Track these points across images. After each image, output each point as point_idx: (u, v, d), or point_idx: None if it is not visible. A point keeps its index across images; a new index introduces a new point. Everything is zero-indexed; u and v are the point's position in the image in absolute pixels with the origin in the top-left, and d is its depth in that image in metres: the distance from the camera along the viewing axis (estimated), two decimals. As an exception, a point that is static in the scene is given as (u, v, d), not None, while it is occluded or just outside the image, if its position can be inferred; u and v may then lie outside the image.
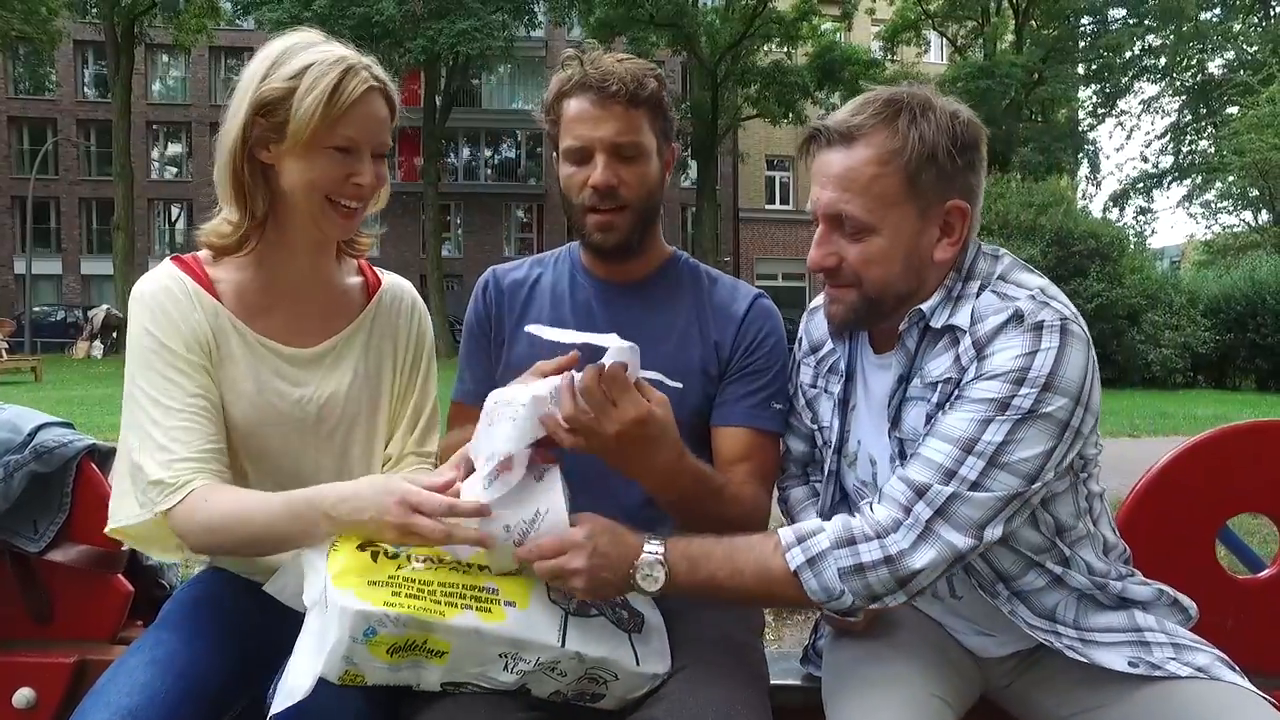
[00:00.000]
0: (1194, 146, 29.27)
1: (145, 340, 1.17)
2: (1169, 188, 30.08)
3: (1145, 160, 31.12)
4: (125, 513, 1.18)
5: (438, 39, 20.33)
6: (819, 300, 1.36)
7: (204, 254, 1.26)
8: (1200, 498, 1.43)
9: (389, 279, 1.40)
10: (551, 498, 1.04)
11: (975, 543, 1.04)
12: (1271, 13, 27.96)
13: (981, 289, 1.13)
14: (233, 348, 1.22)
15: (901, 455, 1.16)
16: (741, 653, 1.17)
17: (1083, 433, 1.06)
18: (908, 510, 1.05)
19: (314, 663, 0.95)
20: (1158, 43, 27.28)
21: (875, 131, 1.09)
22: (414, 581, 1.00)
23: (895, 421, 1.17)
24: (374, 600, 0.96)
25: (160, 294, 1.19)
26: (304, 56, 1.16)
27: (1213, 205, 27.86)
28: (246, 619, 1.21)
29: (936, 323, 1.12)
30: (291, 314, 1.27)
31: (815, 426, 1.33)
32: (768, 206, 32.96)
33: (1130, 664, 1.11)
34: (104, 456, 1.50)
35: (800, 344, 1.38)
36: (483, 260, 32.67)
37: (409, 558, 1.04)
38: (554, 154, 1.35)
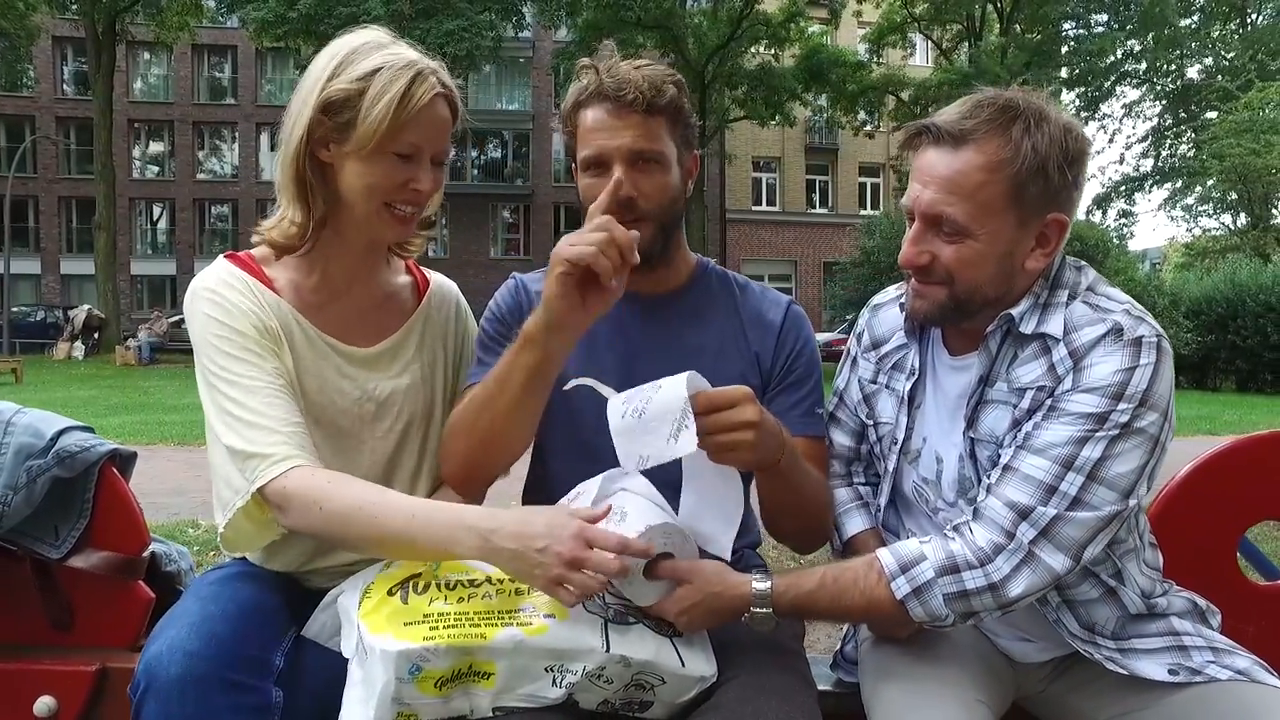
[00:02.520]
0: (1174, 150, 29.64)
1: (213, 328, 1.15)
2: (1150, 191, 30.43)
3: (1125, 163, 31.57)
4: (231, 495, 1.13)
5: (425, 39, 20.20)
6: (883, 296, 1.38)
7: (258, 253, 1.25)
8: (1223, 506, 1.44)
9: (435, 279, 1.41)
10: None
11: (1074, 564, 1.05)
12: (1248, 20, 28.39)
13: (1070, 298, 1.13)
14: (296, 342, 1.21)
15: (973, 456, 1.17)
16: (789, 661, 1.16)
17: (1167, 447, 1.08)
18: (1010, 534, 1.06)
19: (365, 711, 0.94)
20: (1139, 48, 27.59)
21: (988, 137, 1.07)
22: (448, 615, 0.99)
23: (971, 422, 1.17)
24: (413, 638, 0.95)
25: (220, 287, 1.18)
26: (374, 58, 1.15)
27: (1193, 208, 28.23)
28: (281, 583, 1.21)
29: (1026, 328, 1.13)
30: (347, 313, 1.27)
31: (871, 423, 1.33)
32: (754, 208, 33.03)
33: (1170, 671, 1.12)
34: (125, 461, 1.49)
35: (860, 339, 1.38)
36: (469, 260, 32.64)
37: (439, 585, 1.03)
38: (574, 165, 1.33)
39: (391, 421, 1.28)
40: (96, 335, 22.00)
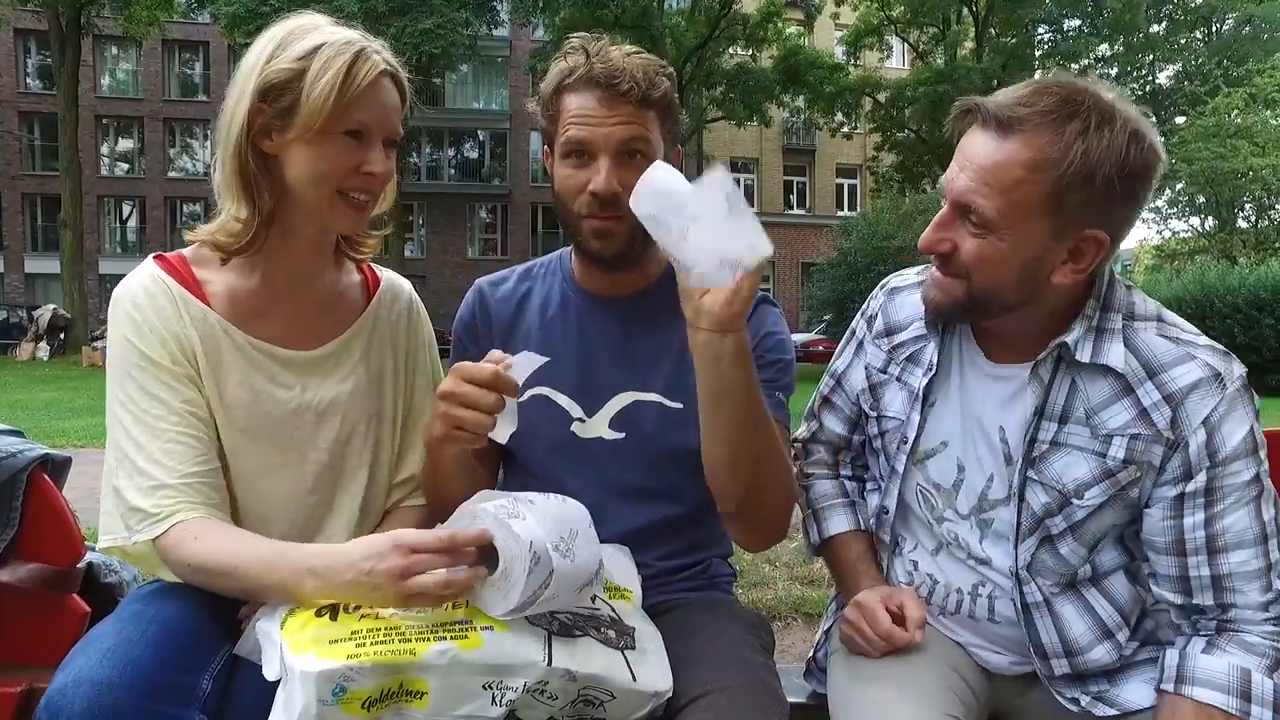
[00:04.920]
0: (1144, 154, 30.13)
1: (127, 352, 1.09)
2: (1121, 194, 30.91)
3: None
4: (114, 533, 1.08)
5: (400, 35, 20.02)
6: (902, 279, 1.29)
7: (189, 252, 1.17)
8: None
9: (387, 277, 1.33)
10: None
11: None
12: (1213, 29, 28.98)
13: (1127, 320, 1.07)
14: (224, 355, 1.13)
15: (1022, 496, 1.10)
16: (760, 675, 1.11)
17: None
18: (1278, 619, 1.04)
19: None
20: (1110, 53, 28.06)
21: (1038, 131, 0.97)
22: (379, 629, 0.92)
23: (1032, 460, 1.09)
24: (336, 656, 0.88)
25: (143, 298, 1.11)
26: (313, 37, 1.09)
27: (1163, 211, 28.71)
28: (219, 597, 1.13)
29: (1082, 356, 1.05)
30: (289, 316, 1.19)
31: (875, 414, 1.25)
32: (732, 209, 33.11)
33: (1157, 690, 1.07)
34: (58, 467, 1.41)
35: (872, 323, 1.29)
36: (446, 260, 32.46)
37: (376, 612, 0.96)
38: (547, 150, 1.26)
39: (336, 430, 1.20)
40: (62, 336, 21.52)
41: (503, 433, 1.05)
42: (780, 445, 1.12)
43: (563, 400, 1.26)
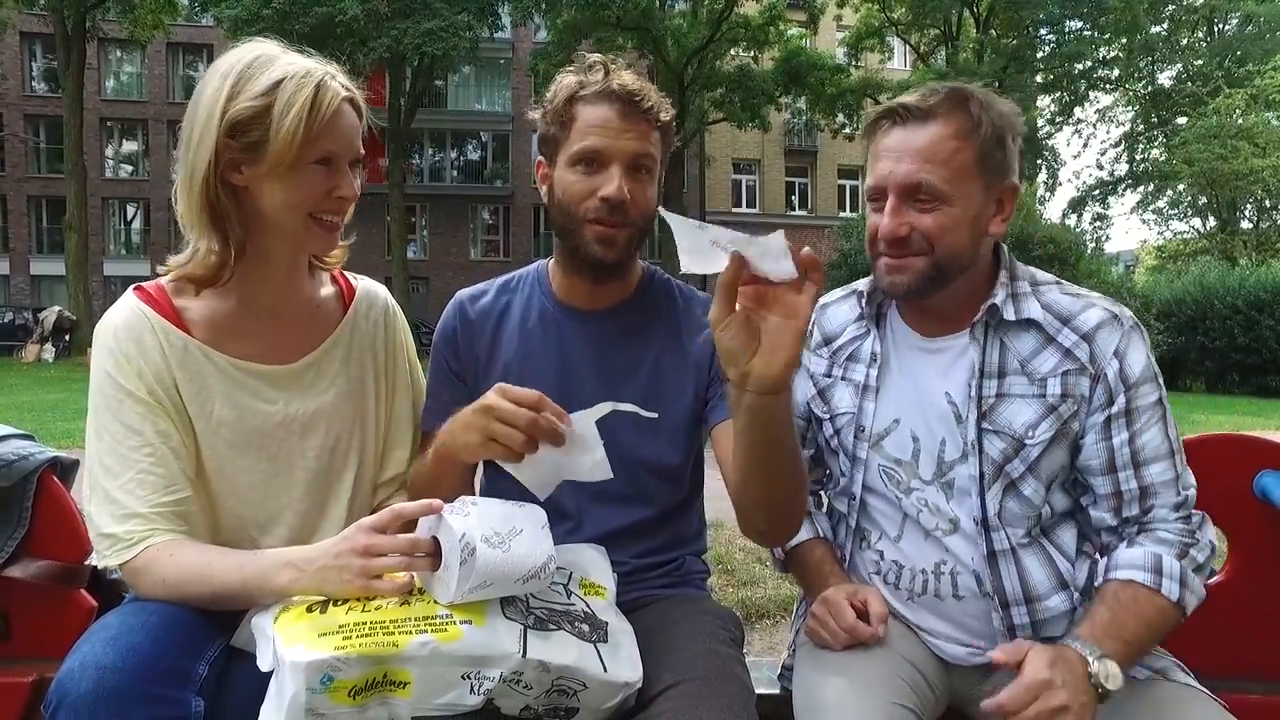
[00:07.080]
0: (1146, 155, 30.12)
1: (106, 384, 1.15)
2: (1124, 194, 30.89)
3: (1101, 168, 32.04)
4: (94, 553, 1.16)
5: (402, 39, 20.11)
6: (829, 297, 1.41)
7: (167, 281, 1.22)
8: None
9: (362, 285, 1.38)
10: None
11: None
12: (1215, 29, 28.95)
13: (1033, 285, 1.25)
14: (207, 380, 1.19)
15: (980, 448, 1.21)
16: (728, 667, 1.15)
17: None
18: (1188, 517, 1.19)
19: None
20: (1112, 54, 28.03)
21: (951, 113, 1.17)
22: (364, 624, 0.99)
23: (985, 413, 1.21)
24: (324, 648, 0.95)
25: (123, 332, 1.16)
26: (272, 71, 1.12)
27: (1164, 212, 28.69)
28: None
29: (1009, 315, 1.22)
30: (269, 333, 1.24)
31: (827, 416, 1.35)
32: (734, 209, 33.13)
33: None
34: (66, 469, 1.47)
35: (809, 338, 1.38)
36: (448, 262, 32.49)
37: (360, 598, 1.03)
38: (547, 156, 1.30)
39: (321, 439, 1.26)
40: (68, 337, 21.63)
41: (538, 482, 1.14)
42: (804, 469, 1.18)
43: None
